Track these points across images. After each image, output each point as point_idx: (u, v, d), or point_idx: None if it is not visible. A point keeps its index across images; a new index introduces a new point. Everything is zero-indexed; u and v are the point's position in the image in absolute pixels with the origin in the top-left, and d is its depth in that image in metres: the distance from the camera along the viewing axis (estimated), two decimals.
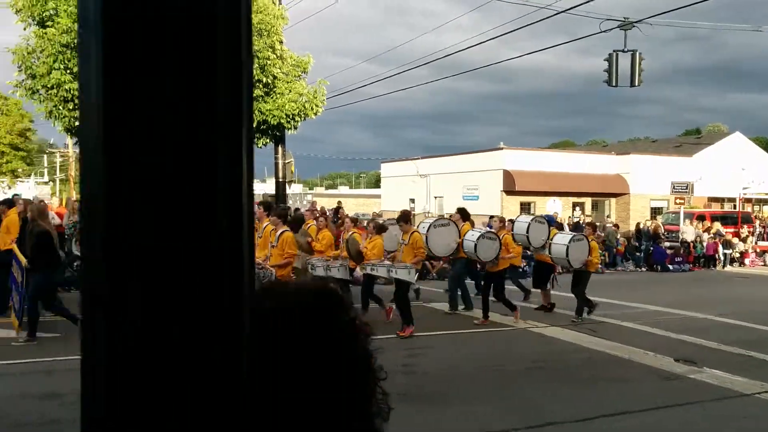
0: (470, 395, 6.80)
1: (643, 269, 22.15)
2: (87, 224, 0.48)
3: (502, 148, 35.11)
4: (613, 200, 36.14)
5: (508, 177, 32.80)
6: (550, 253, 11.77)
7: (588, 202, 35.61)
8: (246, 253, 0.50)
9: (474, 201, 33.74)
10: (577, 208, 33.73)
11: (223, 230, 0.48)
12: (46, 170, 55.58)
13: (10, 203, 11.81)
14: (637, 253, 22.85)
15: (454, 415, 6.19)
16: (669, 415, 6.48)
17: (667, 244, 23.67)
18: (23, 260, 8.93)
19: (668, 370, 8.07)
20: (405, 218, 10.49)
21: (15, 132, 37.28)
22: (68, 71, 14.66)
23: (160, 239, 0.47)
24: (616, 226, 23.93)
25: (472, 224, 12.95)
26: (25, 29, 15.37)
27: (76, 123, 15.54)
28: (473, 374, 7.67)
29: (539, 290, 12.56)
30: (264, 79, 15.91)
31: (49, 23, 15.01)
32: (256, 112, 16.22)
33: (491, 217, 20.18)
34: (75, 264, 13.88)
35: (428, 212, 35.31)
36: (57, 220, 14.87)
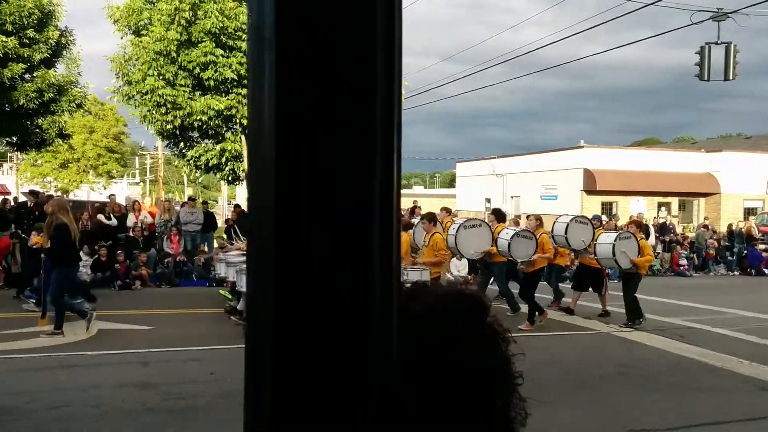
0: (550, 399, 6.68)
1: (736, 273, 20.99)
2: (258, 231, 0.53)
3: (582, 147, 34.13)
4: (702, 200, 34.41)
5: (589, 176, 31.84)
6: (595, 254, 11.01)
7: (675, 202, 34.07)
8: (396, 254, 0.54)
9: (552, 201, 32.99)
10: (663, 208, 32.31)
11: (377, 230, 0.52)
12: (137, 171, 58.62)
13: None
14: (729, 256, 21.68)
15: (532, 419, 6.11)
16: (766, 427, 6.14)
17: (762, 246, 22.31)
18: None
19: (765, 380, 7.64)
20: (429, 218, 10.08)
21: (110, 136, 39.64)
22: (161, 77, 15.45)
23: (324, 241, 0.51)
24: (706, 227, 22.77)
25: (517, 224, 12.46)
26: (122, 38, 16.36)
27: (168, 126, 16.37)
28: (553, 378, 7.53)
29: (578, 293, 11.82)
30: None
31: (144, 32, 15.88)
32: None
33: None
34: (166, 261, 14.61)
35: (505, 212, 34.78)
36: (149, 219, 15.70)
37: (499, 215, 11.99)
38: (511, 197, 37.70)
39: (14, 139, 17.51)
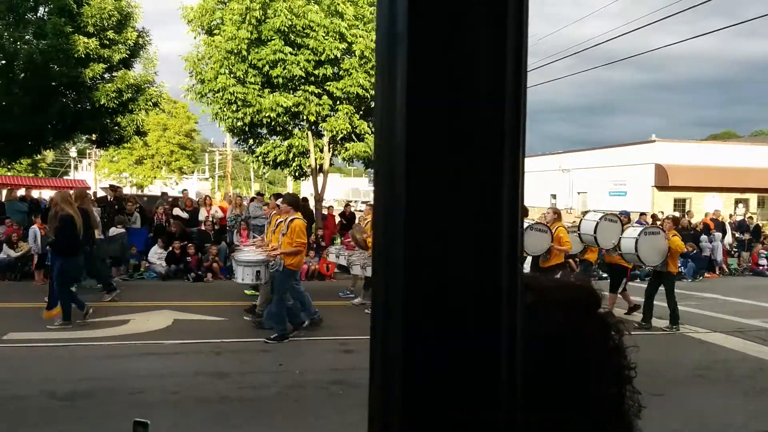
0: None
1: None
2: (385, 228, 0.53)
3: (654, 141, 32.98)
4: None
5: (661, 171, 30.74)
6: (619, 249, 10.25)
7: (753, 198, 32.47)
8: (520, 257, 0.54)
9: (621, 197, 32.04)
10: (740, 205, 30.84)
11: (506, 233, 0.51)
12: (207, 167, 60.48)
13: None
14: None
15: None
16: None
17: None
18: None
19: None
20: None
21: (182, 133, 41.12)
22: (232, 75, 15.88)
23: (452, 236, 0.50)
24: None
25: (561, 217, 11.90)
26: (195, 38, 16.90)
27: (238, 123, 16.81)
28: None
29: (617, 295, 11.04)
30: None
31: (216, 32, 16.35)
32: None
33: (641, 213, 19.08)
34: None
35: (571, 208, 34.08)
36: (220, 213, 16.22)
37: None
38: (578, 193, 36.86)
39: (94, 136, 18.40)
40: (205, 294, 12.03)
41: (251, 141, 18.75)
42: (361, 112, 17.43)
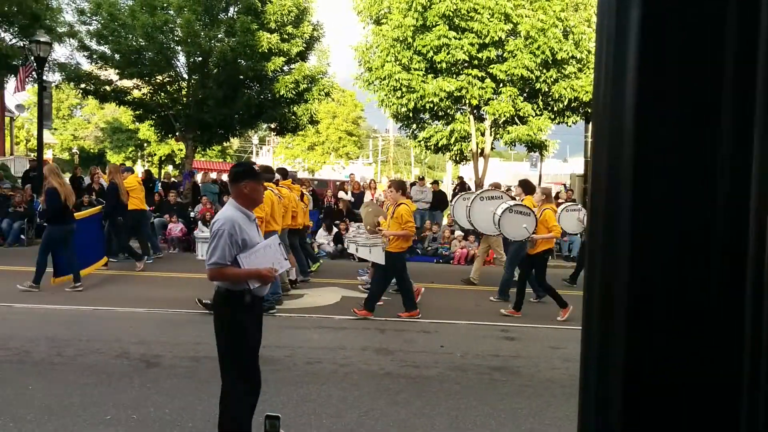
0: None
1: None
2: (604, 213, 0.50)
3: None
4: None
5: None
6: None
7: None
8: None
9: None
10: None
11: (752, 217, 0.46)
12: (371, 153, 62.66)
13: (131, 169, 13.48)
14: None
15: None
16: None
17: None
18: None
19: None
20: (397, 186, 8.93)
21: (350, 120, 43.05)
22: (398, 63, 16.33)
23: (685, 224, 0.47)
24: None
25: (547, 196, 10.31)
26: (364, 28, 17.64)
27: (402, 109, 17.27)
28: None
29: None
30: (578, 55, 15.54)
31: (384, 21, 16.90)
32: (568, 89, 15.95)
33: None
34: None
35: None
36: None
37: (527, 187, 10.04)
38: None
39: (274, 124, 19.96)
40: None
41: (414, 126, 19.15)
42: (525, 94, 17.05)
